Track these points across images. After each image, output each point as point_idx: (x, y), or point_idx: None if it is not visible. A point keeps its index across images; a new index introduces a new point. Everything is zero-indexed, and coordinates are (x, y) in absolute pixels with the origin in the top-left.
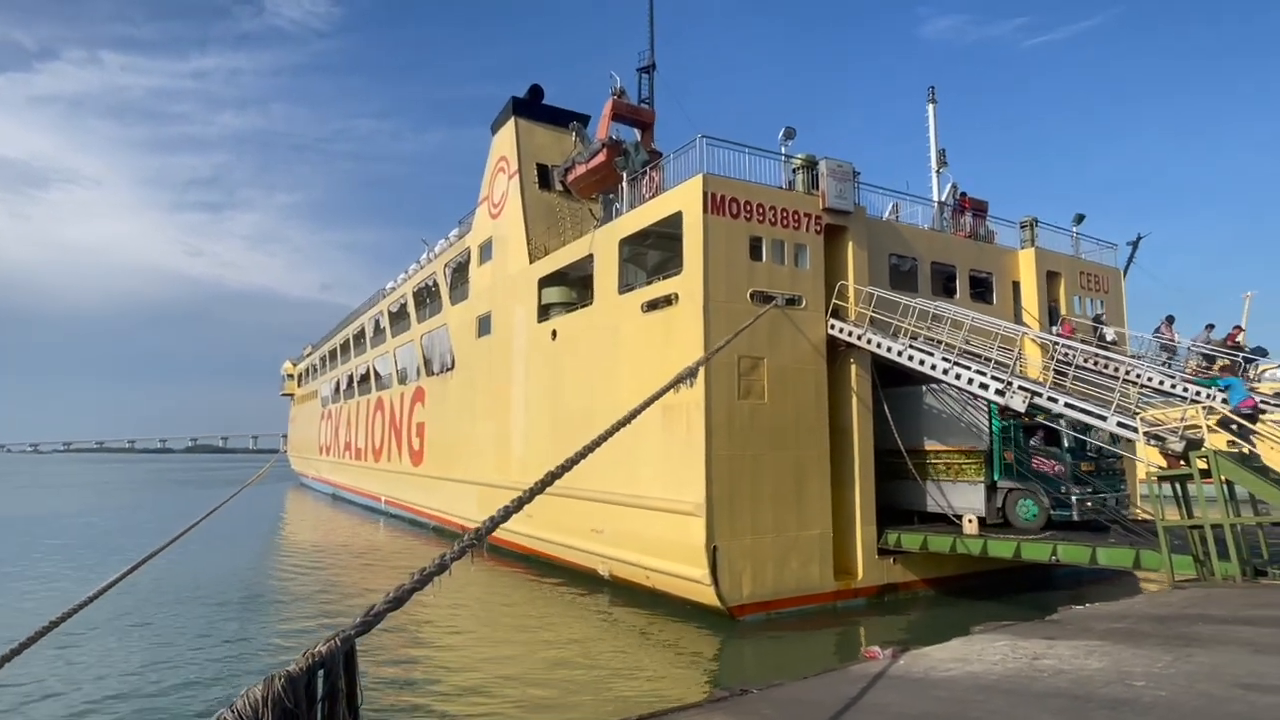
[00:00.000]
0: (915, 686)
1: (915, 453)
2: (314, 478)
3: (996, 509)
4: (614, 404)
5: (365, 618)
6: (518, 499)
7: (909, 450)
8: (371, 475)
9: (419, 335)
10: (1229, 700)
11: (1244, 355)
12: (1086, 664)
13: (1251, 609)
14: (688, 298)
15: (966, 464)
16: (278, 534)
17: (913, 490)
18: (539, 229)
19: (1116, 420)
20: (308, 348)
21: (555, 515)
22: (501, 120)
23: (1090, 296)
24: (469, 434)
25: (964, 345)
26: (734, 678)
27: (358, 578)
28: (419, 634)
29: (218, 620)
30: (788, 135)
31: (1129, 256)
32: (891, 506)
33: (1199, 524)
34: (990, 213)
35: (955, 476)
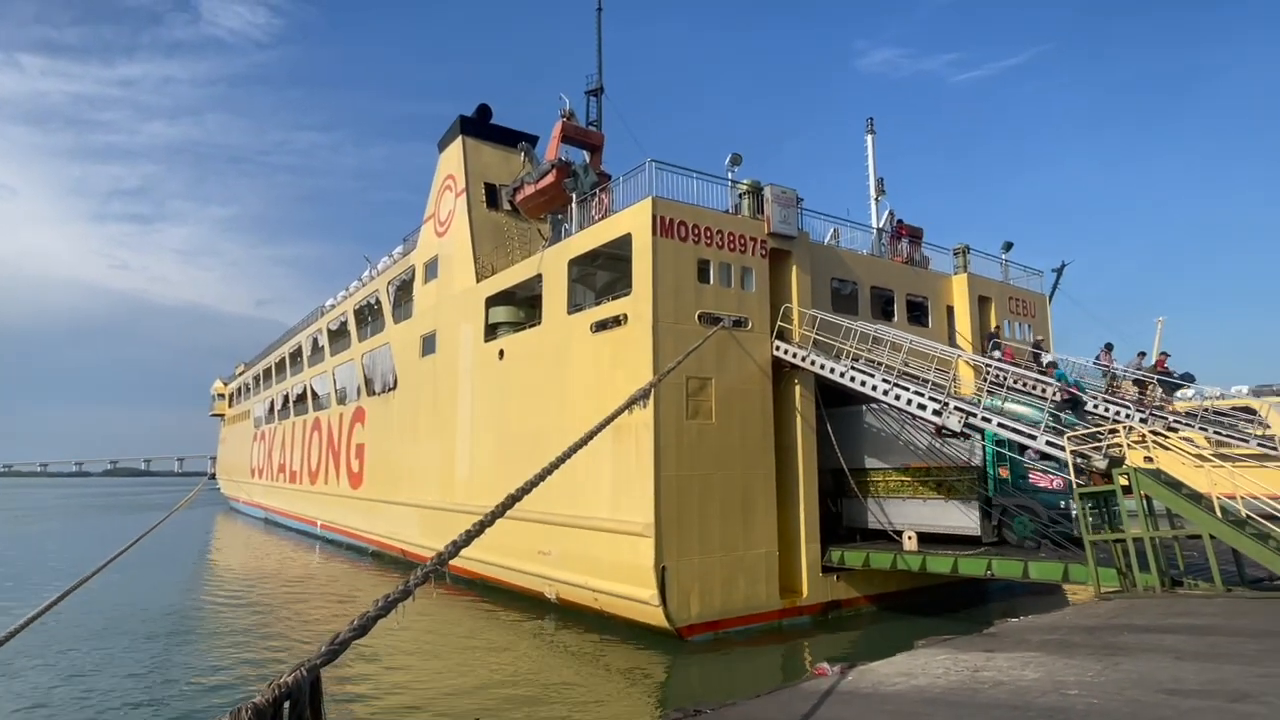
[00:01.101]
0: (865, 701)
1: (901, 471)
2: (245, 501)
3: (992, 527)
4: (562, 424)
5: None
6: (479, 522)
7: (896, 469)
8: (307, 499)
9: (360, 354)
10: (1155, 705)
11: (1171, 380)
12: (1024, 675)
13: (1171, 618)
14: (637, 318)
15: (958, 482)
16: (207, 562)
17: (894, 509)
18: (486, 248)
19: (1045, 439)
20: (240, 366)
21: (500, 538)
22: (449, 138)
23: (1019, 320)
24: (412, 455)
25: (903, 367)
26: (683, 699)
27: (294, 606)
28: (359, 662)
29: (154, 651)
30: (734, 161)
31: (1054, 283)
32: (868, 529)
33: (1122, 538)
34: (925, 239)
35: (946, 495)
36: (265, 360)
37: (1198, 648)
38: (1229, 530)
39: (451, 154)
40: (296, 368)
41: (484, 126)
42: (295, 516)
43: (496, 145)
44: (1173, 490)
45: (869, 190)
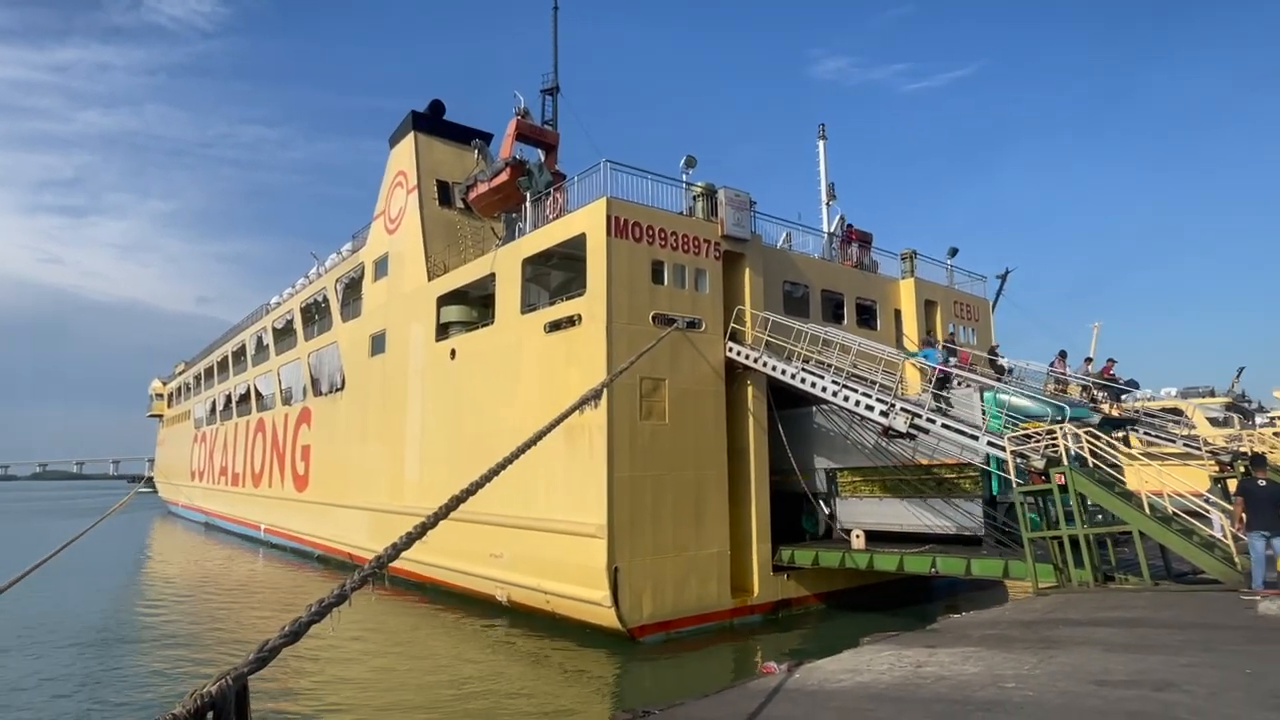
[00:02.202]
0: (810, 699)
1: (897, 469)
2: (185, 505)
3: (1000, 525)
4: (515, 425)
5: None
6: (421, 524)
7: (894, 467)
8: (250, 502)
9: (306, 353)
10: (1086, 696)
11: (1118, 386)
12: (964, 669)
13: (1103, 611)
14: (591, 319)
15: (961, 479)
16: (141, 569)
17: (891, 509)
18: (438, 246)
19: (987, 440)
20: (180, 365)
21: (451, 540)
22: (400, 134)
23: (964, 324)
24: (360, 457)
25: (851, 369)
26: (635, 699)
27: (233, 613)
28: (307, 670)
29: (78, 663)
30: (688, 164)
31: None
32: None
33: (1058, 535)
34: (874, 244)
35: (947, 494)
36: (207, 359)
37: (1126, 640)
38: (1156, 527)
39: (403, 150)
40: (240, 367)
41: (437, 123)
42: (238, 520)
43: (450, 142)
44: (1105, 489)
45: (820, 195)
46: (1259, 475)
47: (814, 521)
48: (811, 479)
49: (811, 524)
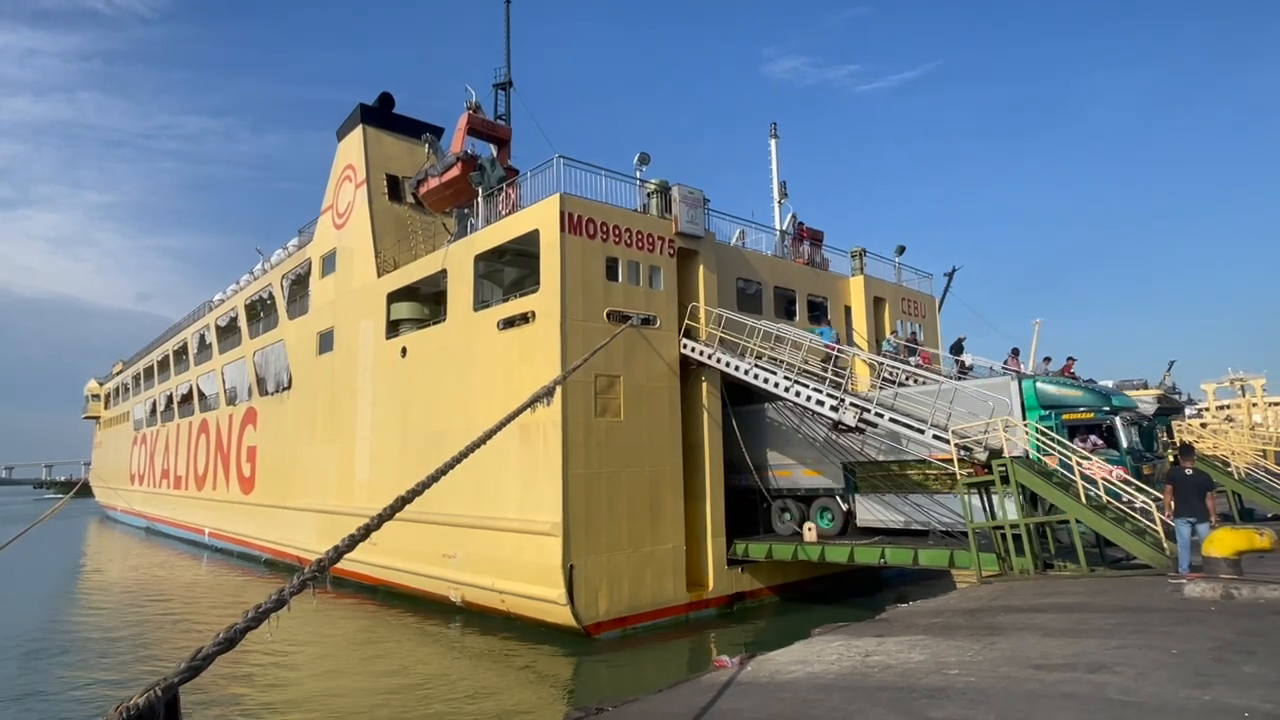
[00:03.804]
0: (761, 691)
1: (920, 464)
2: (124, 510)
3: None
4: (468, 424)
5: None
6: (364, 526)
7: (920, 461)
8: (193, 505)
9: (251, 352)
10: (1024, 680)
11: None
12: (910, 657)
13: (1043, 598)
14: (545, 316)
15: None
16: (78, 575)
17: (921, 504)
18: (388, 241)
19: (933, 433)
20: (118, 365)
21: (402, 541)
22: (348, 127)
23: (910, 320)
24: (308, 458)
25: (803, 365)
26: (590, 696)
27: (173, 621)
28: (253, 678)
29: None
30: (642, 160)
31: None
32: (890, 529)
33: (1000, 525)
34: (825, 242)
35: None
36: (147, 358)
37: (1064, 625)
38: (1092, 515)
39: (351, 143)
40: (182, 366)
41: (386, 116)
42: (180, 525)
43: (399, 135)
44: (1044, 479)
45: (773, 193)
46: (1186, 464)
47: (793, 517)
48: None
49: (793, 520)
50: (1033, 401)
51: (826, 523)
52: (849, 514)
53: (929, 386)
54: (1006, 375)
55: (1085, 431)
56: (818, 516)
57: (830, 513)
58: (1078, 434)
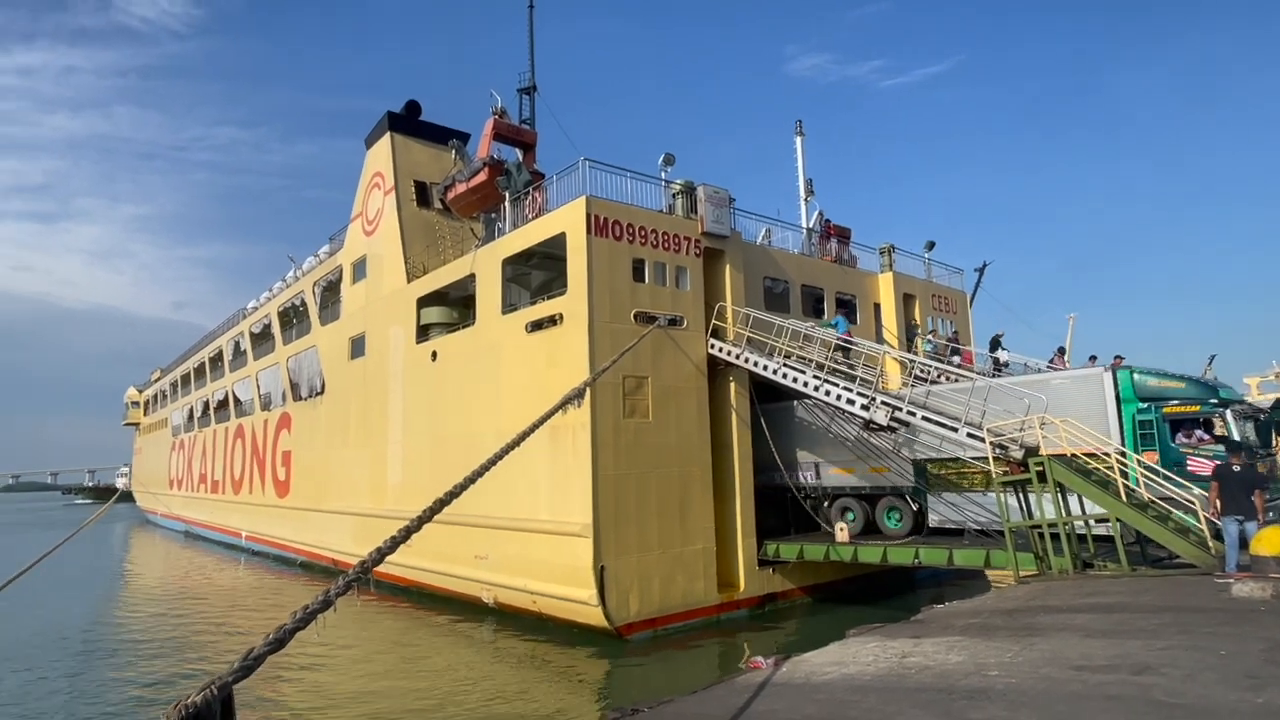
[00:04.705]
0: (797, 692)
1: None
2: (163, 514)
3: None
4: (497, 426)
5: (244, 662)
6: (405, 528)
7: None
8: (230, 509)
9: (285, 358)
10: (1066, 681)
11: None
12: (948, 659)
13: (1082, 598)
14: (572, 318)
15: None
16: (123, 578)
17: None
18: (417, 247)
19: (966, 431)
20: (157, 372)
21: (435, 543)
22: (376, 135)
23: (941, 317)
24: (341, 461)
25: (832, 363)
26: (624, 698)
27: (215, 622)
28: (296, 678)
29: (60, 676)
30: (667, 161)
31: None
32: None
33: (1038, 524)
34: (853, 239)
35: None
36: (183, 365)
37: (1105, 625)
38: (1133, 514)
39: (379, 151)
40: (217, 373)
41: (413, 123)
42: (218, 528)
43: (426, 142)
44: (1083, 477)
45: (799, 191)
46: (1234, 461)
47: (855, 517)
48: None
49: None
50: (1129, 394)
51: (894, 523)
52: (919, 514)
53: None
54: (1099, 367)
55: (1189, 426)
56: (884, 517)
57: (898, 513)
58: (1180, 428)
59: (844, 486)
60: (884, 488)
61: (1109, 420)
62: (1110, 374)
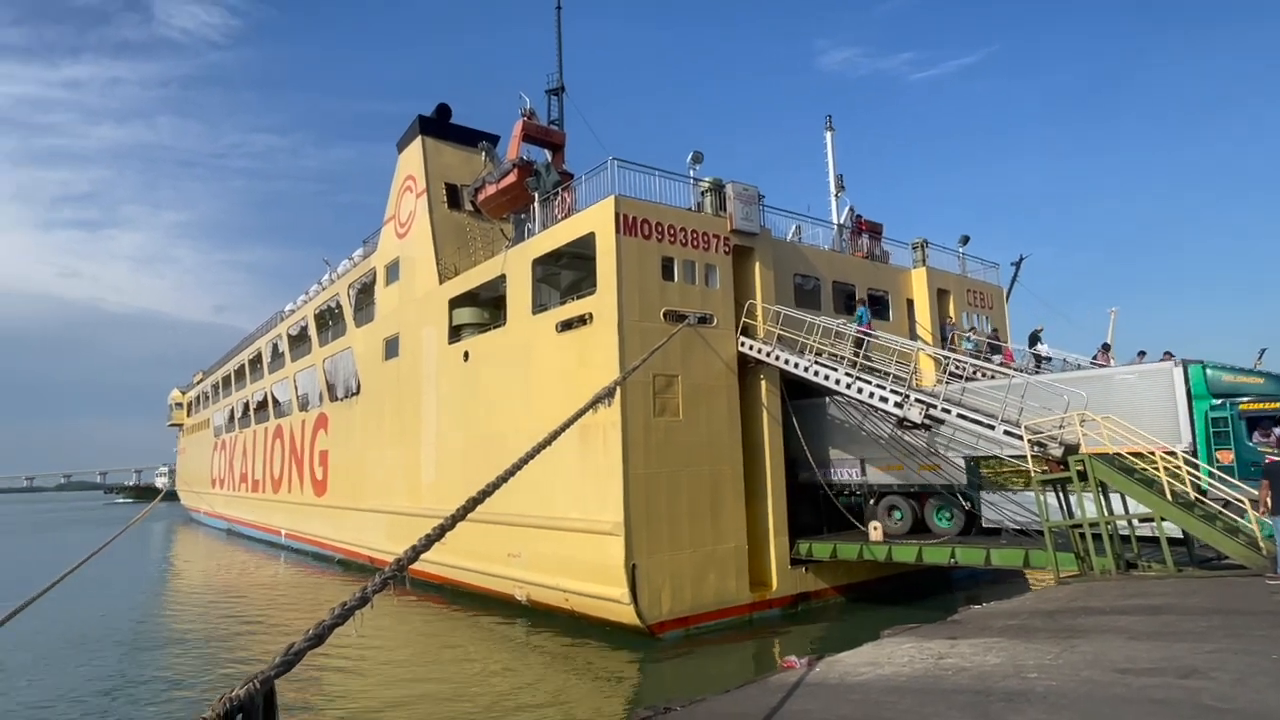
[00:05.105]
0: (831, 692)
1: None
2: (206, 513)
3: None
4: (529, 425)
5: (285, 657)
6: (440, 526)
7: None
8: (270, 508)
9: (321, 359)
10: (1109, 684)
11: None
12: (986, 660)
13: (1125, 599)
14: (602, 317)
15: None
16: (165, 576)
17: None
18: (449, 249)
19: (1004, 429)
20: (199, 374)
21: (469, 541)
22: (408, 139)
23: (977, 312)
24: (377, 460)
25: (864, 360)
26: (656, 696)
27: (256, 618)
28: (334, 673)
29: (110, 667)
30: (696, 159)
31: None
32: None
33: (1079, 524)
34: (885, 234)
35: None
36: (224, 367)
37: (1150, 627)
38: (1179, 513)
39: (411, 154)
40: (256, 374)
41: (444, 126)
42: (259, 526)
43: (457, 145)
44: (1126, 476)
45: (829, 187)
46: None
47: (902, 516)
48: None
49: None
50: (1201, 390)
51: (945, 522)
52: (971, 513)
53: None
54: (1169, 361)
55: (1267, 424)
56: (934, 515)
57: (949, 511)
58: (1257, 426)
59: (890, 484)
60: (933, 486)
61: (1179, 418)
62: (1181, 368)
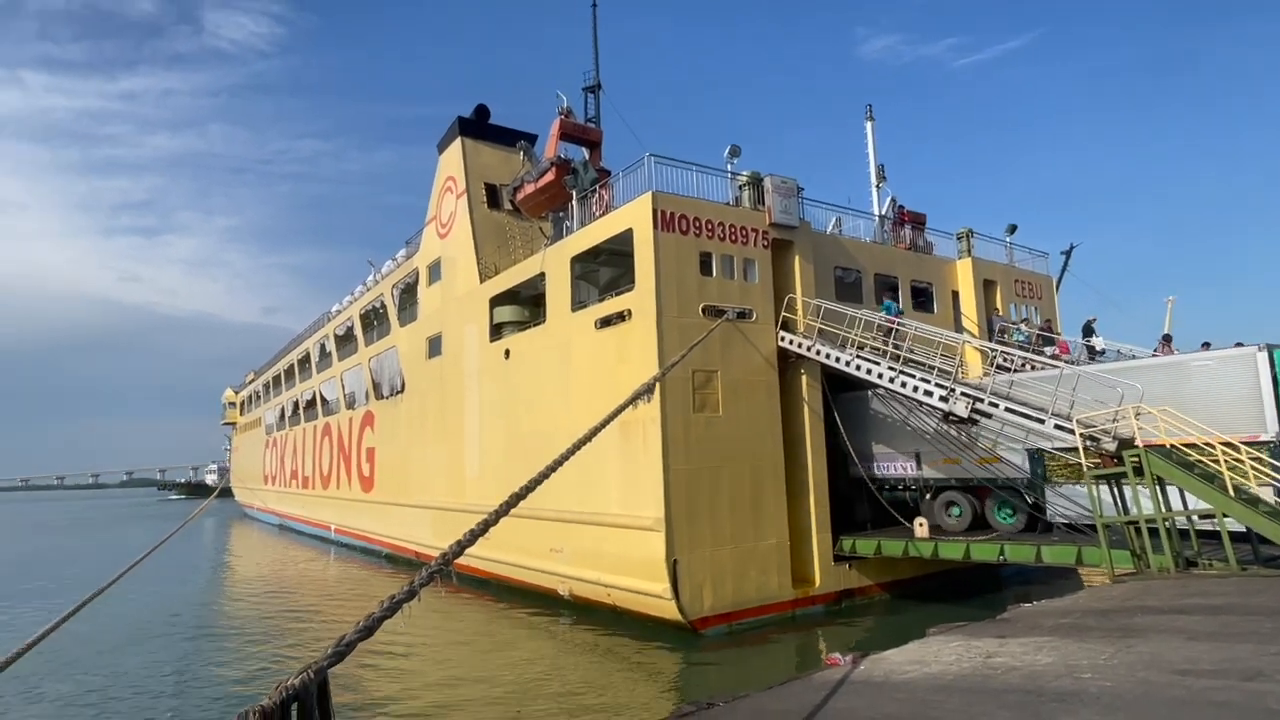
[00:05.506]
0: (876, 690)
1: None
2: (259, 508)
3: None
4: (569, 422)
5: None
6: (484, 521)
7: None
8: (320, 503)
9: (367, 358)
10: (1168, 686)
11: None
12: (1037, 659)
13: (1185, 599)
14: (640, 313)
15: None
16: (223, 568)
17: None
18: (489, 248)
19: (1054, 422)
20: (250, 374)
21: (512, 536)
22: (448, 140)
23: (1025, 303)
24: (421, 457)
25: (908, 354)
26: (698, 691)
27: (309, 610)
28: (381, 665)
29: (172, 656)
30: (733, 153)
31: (1063, 265)
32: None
33: (1134, 520)
34: (928, 225)
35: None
36: (274, 367)
37: (1211, 628)
38: (1242, 509)
39: (451, 156)
40: (305, 374)
41: (482, 127)
42: (309, 521)
43: (495, 145)
44: (1185, 471)
45: (870, 178)
46: None
47: (961, 512)
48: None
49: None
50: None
51: (1006, 519)
52: (1036, 507)
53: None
54: (1251, 346)
55: None
56: (995, 511)
57: (1010, 507)
58: None
59: (948, 479)
60: (994, 480)
61: (1264, 406)
62: (1266, 354)
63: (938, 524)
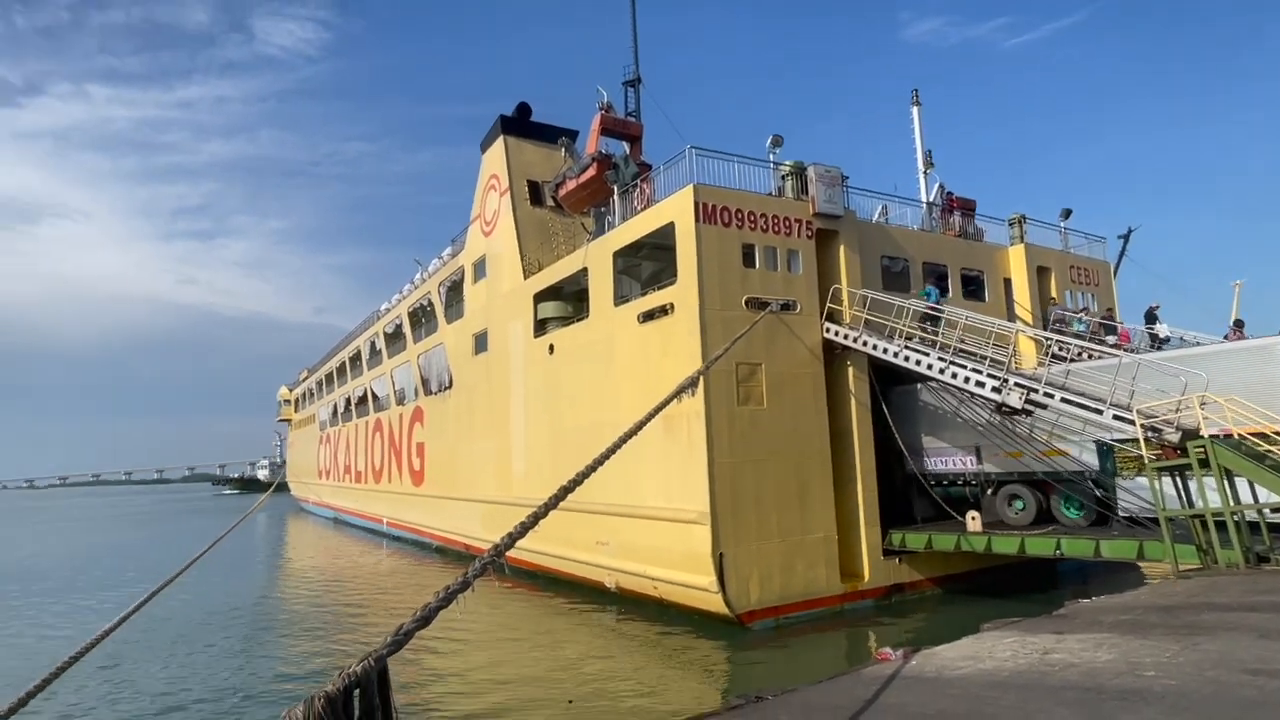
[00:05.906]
0: (929, 686)
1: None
2: (314, 502)
3: None
4: (614, 416)
5: (396, 637)
6: (534, 514)
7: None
8: (372, 497)
9: (415, 355)
10: (1238, 686)
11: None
12: (1096, 656)
13: (1256, 595)
14: (683, 307)
15: None
16: (282, 561)
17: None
18: (532, 244)
19: (1113, 413)
20: (304, 372)
21: (559, 529)
22: (490, 139)
23: (1081, 290)
24: (470, 452)
25: (959, 344)
26: (746, 685)
27: (365, 601)
28: (435, 652)
29: (236, 645)
30: (775, 143)
31: (1121, 250)
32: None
33: (1200, 513)
34: (978, 211)
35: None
36: (327, 365)
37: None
38: None
39: (494, 154)
40: (356, 371)
41: (524, 124)
42: (362, 515)
43: (537, 142)
44: (1255, 462)
45: (917, 164)
46: None
47: (1025, 506)
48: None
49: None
50: None
51: (1073, 513)
52: (1104, 503)
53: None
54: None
55: None
56: (1061, 505)
57: (1077, 501)
58: None
59: (1011, 473)
60: (1060, 473)
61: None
62: None
63: (1000, 519)
